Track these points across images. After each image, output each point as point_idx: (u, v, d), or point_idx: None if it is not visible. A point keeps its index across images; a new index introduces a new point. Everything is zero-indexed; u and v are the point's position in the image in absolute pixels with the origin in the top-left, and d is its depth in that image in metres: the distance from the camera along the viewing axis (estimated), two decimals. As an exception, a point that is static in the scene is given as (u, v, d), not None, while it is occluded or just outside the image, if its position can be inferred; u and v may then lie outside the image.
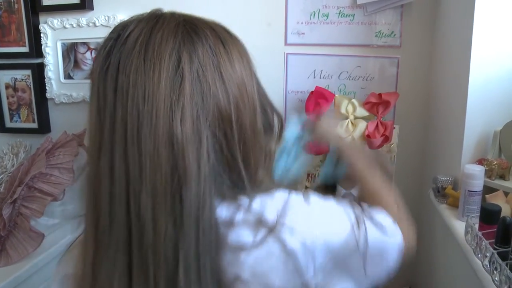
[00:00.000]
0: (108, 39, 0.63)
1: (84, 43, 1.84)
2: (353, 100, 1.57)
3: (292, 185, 1.00)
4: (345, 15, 1.62)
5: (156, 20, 0.63)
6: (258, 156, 0.66)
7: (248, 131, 0.64)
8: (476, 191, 1.10)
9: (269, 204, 0.63)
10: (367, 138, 1.51)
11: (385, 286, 1.52)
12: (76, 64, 1.87)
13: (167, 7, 1.88)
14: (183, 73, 0.58)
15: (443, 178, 1.28)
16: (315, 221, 0.64)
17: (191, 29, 0.62)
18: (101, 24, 1.78)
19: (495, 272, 0.86)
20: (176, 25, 0.62)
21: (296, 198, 0.66)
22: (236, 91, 0.63)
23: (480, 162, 1.20)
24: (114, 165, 0.58)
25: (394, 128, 1.55)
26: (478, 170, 1.10)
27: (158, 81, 0.57)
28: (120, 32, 0.62)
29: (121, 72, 0.59)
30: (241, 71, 0.65)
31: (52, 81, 1.90)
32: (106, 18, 1.76)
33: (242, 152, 0.63)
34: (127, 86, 0.58)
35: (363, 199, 0.83)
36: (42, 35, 1.86)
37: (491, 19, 1.17)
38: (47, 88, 1.91)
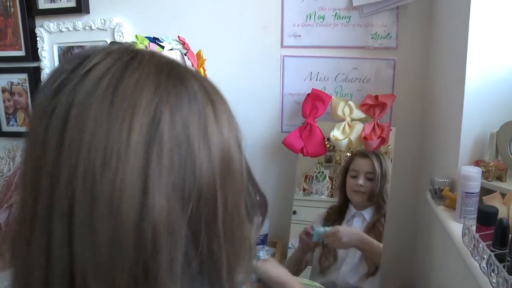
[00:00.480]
0: (58, 71, 0.46)
1: (81, 47, 1.83)
2: (350, 102, 1.57)
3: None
4: (341, 17, 1.62)
5: (131, 57, 0.47)
6: (240, 252, 0.51)
7: (235, 220, 0.49)
8: (473, 193, 1.10)
9: None
10: (364, 140, 1.51)
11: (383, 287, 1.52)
12: (73, 68, 1.86)
13: (165, 10, 1.89)
14: (162, 135, 0.43)
15: (440, 180, 1.28)
16: None
17: (177, 76, 0.47)
18: (97, 28, 1.77)
19: (492, 274, 0.86)
20: (158, 68, 0.47)
21: None
22: (223, 165, 0.47)
23: (477, 163, 1.20)
24: (52, 253, 0.42)
25: (391, 130, 1.55)
26: (475, 172, 1.10)
27: (128, 139, 0.41)
28: (78, 64, 0.46)
29: (73, 118, 0.42)
30: (228, 139, 0.49)
31: (49, 85, 1.89)
32: (102, 21, 1.76)
33: (227, 250, 0.48)
34: (79, 139, 0.41)
35: None
36: (38, 38, 1.86)
37: (487, 20, 1.17)
38: (43, 91, 1.90)
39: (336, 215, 1.60)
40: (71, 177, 0.41)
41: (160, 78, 0.45)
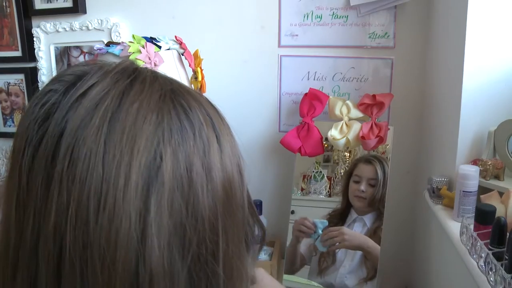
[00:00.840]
0: (48, 91, 0.41)
1: (77, 47, 1.83)
2: (347, 102, 1.57)
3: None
4: (338, 17, 1.62)
5: (131, 80, 0.42)
6: (238, 286, 0.47)
7: (236, 260, 0.46)
8: (471, 192, 1.10)
9: None
10: (361, 139, 1.51)
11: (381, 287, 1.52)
12: (70, 68, 1.86)
13: (162, 10, 1.88)
14: (163, 177, 0.39)
15: (438, 179, 1.27)
16: None
17: (182, 109, 0.42)
18: (94, 28, 1.77)
19: (490, 272, 0.86)
20: (162, 97, 0.42)
21: None
22: (225, 203, 0.44)
23: (474, 162, 1.20)
24: None
25: (389, 129, 1.55)
26: (472, 171, 1.10)
27: (126, 182, 0.37)
28: (72, 84, 0.41)
29: (63, 152, 0.38)
30: (232, 171, 0.45)
31: (46, 85, 1.89)
32: (99, 21, 1.76)
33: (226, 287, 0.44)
34: (70, 178, 0.37)
35: None
36: (35, 39, 1.85)
37: (484, 19, 1.17)
38: (40, 92, 1.90)
39: (338, 219, 1.60)
40: (59, 220, 0.37)
41: (163, 109, 0.41)
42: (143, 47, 1.29)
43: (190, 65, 1.47)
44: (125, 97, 0.40)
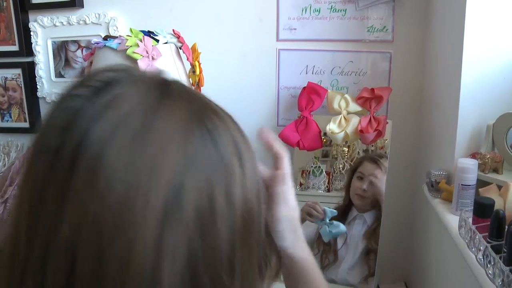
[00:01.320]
0: (72, 95, 0.40)
1: (75, 41, 1.82)
2: (346, 96, 1.57)
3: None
4: (336, 10, 1.61)
5: (159, 95, 0.40)
6: None
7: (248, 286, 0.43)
8: (469, 185, 1.09)
9: None
10: (360, 133, 1.51)
11: (380, 282, 1.53)
12: (67, 63, 1.86)
13: (159, 4, 1.86)
14: (183, 205, 0.37)
15: (437, 173, 1.27)
16: None
17: (207, 130, 0.40)
18: (92, 22, 1.76)
19: (488, 265, 0.85)
20: (189, 118, 0.40)
21: None
22: (243, 232, 0.42)
23: (473, 156, 1.20)
24: None
25: (387, 123, 1.55)
26: (471, 164, 1.10)
27: (144, 208, 0.36)
28: (97, 90, 0.39)
29: (82, 164, 0.36)
30: (252, 197, 0.43)
31: (43, 80, 1.88)
32: (97, 15, 1.75)
33: None
34: (87, 196, 0.36)
35: None
36: (32, 33, 1.85)
37: (483, 13, 1.17)
38: (38, 87, 1.90)
39: (339, 215, 1.59)
40: (72, 235, 0.35)
41: (188, 130, 0.39)
42: (141, 40, 1.28)
43: (188, 59, 1.46)
44: (151, 114, 0.38)
